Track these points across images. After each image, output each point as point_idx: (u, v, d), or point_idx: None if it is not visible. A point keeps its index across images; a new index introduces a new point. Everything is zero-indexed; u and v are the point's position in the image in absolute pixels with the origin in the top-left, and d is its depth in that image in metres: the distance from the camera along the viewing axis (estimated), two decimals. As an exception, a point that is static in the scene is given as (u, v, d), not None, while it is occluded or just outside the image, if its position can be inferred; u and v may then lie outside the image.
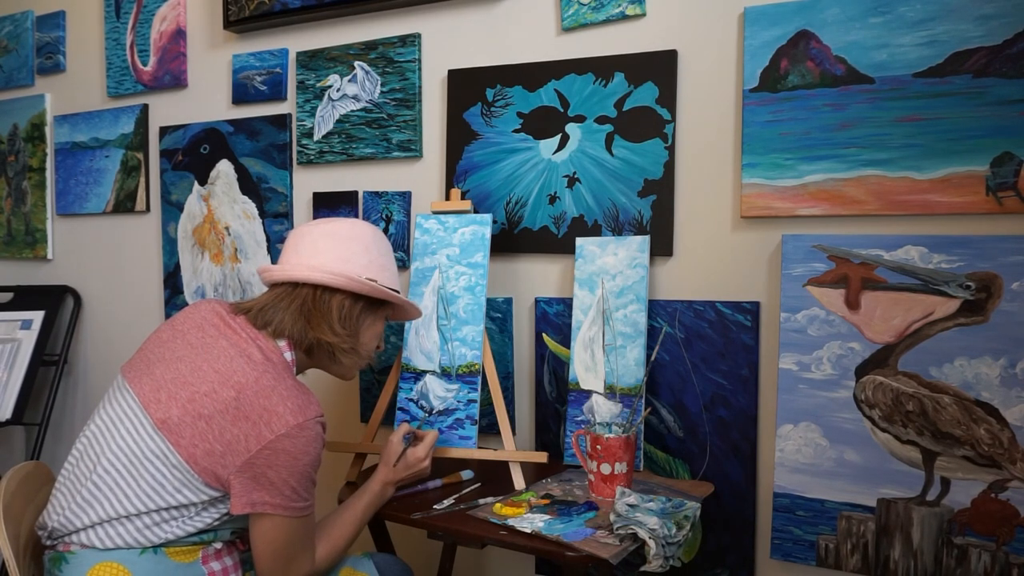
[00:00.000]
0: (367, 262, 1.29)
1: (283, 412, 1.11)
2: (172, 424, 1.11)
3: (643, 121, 1.57)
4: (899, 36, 1.35)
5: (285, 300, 1.24)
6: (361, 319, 1.29)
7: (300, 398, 1.14)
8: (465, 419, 1.52)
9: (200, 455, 1.10)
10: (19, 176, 2.52)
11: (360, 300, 1.28)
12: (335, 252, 1.28)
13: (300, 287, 1.25)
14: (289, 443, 1.11)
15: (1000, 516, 1.30)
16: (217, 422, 1.11)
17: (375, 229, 1.36)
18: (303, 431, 1.12)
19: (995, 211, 1.30)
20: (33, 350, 2.29)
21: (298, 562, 1.18)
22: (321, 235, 1.30)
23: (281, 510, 1.12)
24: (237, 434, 1.10)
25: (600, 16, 1.61)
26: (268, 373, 1.15)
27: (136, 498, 1.10)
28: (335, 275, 1.24)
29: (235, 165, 2.10)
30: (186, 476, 1.11)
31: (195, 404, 1.12)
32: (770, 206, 1.45)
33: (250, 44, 2.09)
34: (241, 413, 1.11)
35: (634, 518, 1.20)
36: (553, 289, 1.71)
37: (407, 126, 1.84)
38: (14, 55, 2.52)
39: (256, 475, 1.10)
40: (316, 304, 1.24)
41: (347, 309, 1.26)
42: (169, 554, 1.12)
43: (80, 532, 1.12)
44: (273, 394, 1.12)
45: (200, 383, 1.13)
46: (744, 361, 1.49)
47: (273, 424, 1.11)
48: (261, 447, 1.10)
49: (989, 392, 1.30)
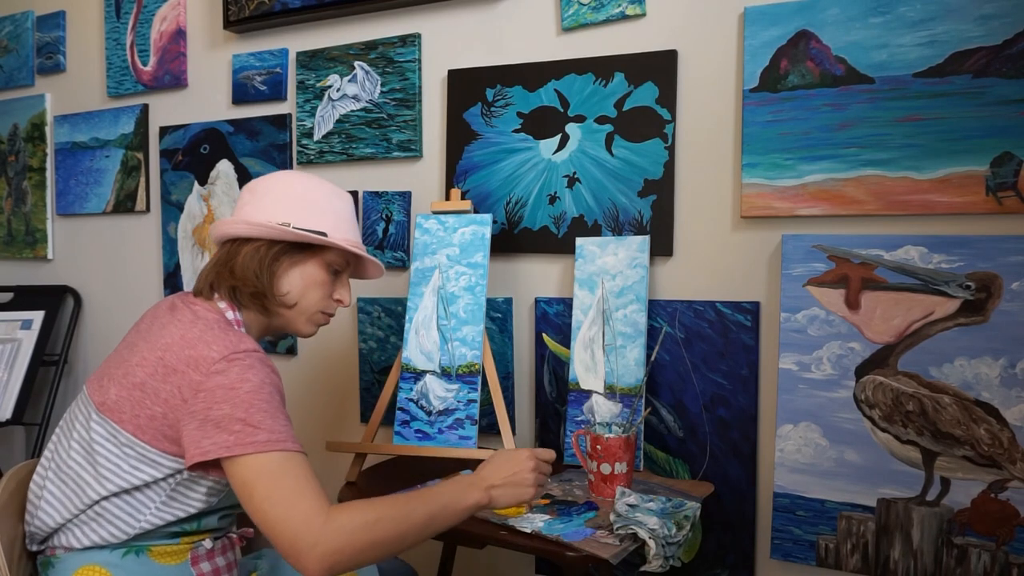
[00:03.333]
0: (285, 207, 1.25)
1: (207, 353, 1.08)
2: (111, 404, 1.10)
3: (643, 121, 1.57)
4: (899, 36, 1.35)
5: (211, 260, 1.25)
6: (277, 264, 1.24)
7: (227, 339, 1.10)
8: (465, 419, 1.52)
9: (144, 423, 1.07)
10: (19, 176, 2.52)
11: (276, 245, 1.23)
12: (254, 205, 1.26)
13: (223, 245, 1.26)
14: (221, 378, 1.06)
15: (1000, 516, 1.30)
16: (151, 386, 1.08)
17: (307, 175, 1.31)
18: (233, 363, 1.07)
19: (995, 211, 1.30)
20: (33, 350, 2.29)
21: (300, 511, 0.99)
22: (245, 191, 1.30)
23: (239, 448, 1.02)
24: (171, 390, 1.07)
25: (600, 16, 1.61)
26: (196, 326, 1.12)
27: (97, 483, 1.08)
28: (238, 223, 1.23)
29: (235, 165, 2.10)
30: (138, 451, 1.08)
31: (128, 377, 1.10)
32: (770, 206, 1.45)
33: (250, 44, 2.09)
34: (169, 368, 1.08)
35: (634, 518, 1.20)
36: (553, 289, 1.71)
37: (407, 126, 1.84)
38: (14, 55, 2.52)
39: (201, 422, 1.05)
40: (229, 255, 1.23)
41: (260, 255, 1.22)
42: (154, 555, 1.10)
43: (56, 534, 1.11)
44: (198, 343, 1.09)
45: (132, 356, 1.12)
46: (744, 361, 1.49)
47: (201, 366, 1.07)
48: (194, 392, 1.06)
49: (989, 392, 1.30)
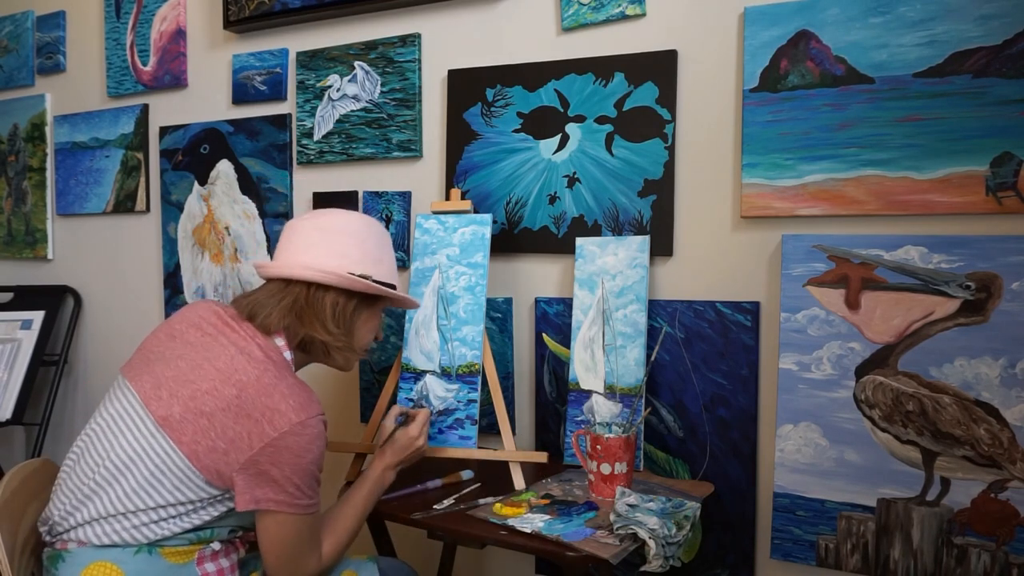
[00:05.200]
0: (360, 256, 1.27)
1: (285, 410, 1.12)
2: (174, 422, 1.11)
3: (643, 121, 1.57)
4: (899, 36, 1.35)
5: (277, 296, 1.24)
6: (355, 316, 1.28)
7: (301, 396, 1.15)
8: (465, 419, 1.52)
9: (203, 452, 1.10)
10: (19, 176, 2.52)
11: (354, 297, 1.27)
12: (328, 247, 1.26)
13: (293, 284, 1.24)
14: (292, 440, 1.11)
15: (1000, 516, 1.30)
16: (219, 419, 1.11)
17: (370, 220, 1.34)
18: (305, 428, 1.12)
19: (995, 211, 1.30)
20: (33, 350, 2.29)
21: (305, 559, 1.18)
22: (314, 229, 1.29)
23: (286, 507, 1.13)
24: (240, 431, 1.10)
25: (600, 16, 1.61)
26: (269, 371, 1.15)
27: (135, 495, 1.10)
28: (328, 273, 1.23)
29: (235, 165, 2.10)
30: (187, 474, 1.11)
31: (196, 401, 1.12)
32: (770, 206, 1.45)
33: (250, 44, 2.09)
34: (243, 411, 1.11)
35: (634, 518, 1.20)
36: (553, 289, 1.71)
37: (407, 126, 1.84)
38: (14, 55, 2.52)
39: (259, 472, 1.11)
40: (309, 302, 1.23)
41: (340, 307, 1.25)
42: (164, 554, 1.12)
43: (77, 528, 1.12)
44: (275, 392, 1.13)
45: (201, 380, 1.13)
46: (744, 361, 1.49)
47: (276, 422, 1.11)
48: (264, 445, 1.10)
49: (989, 392, 1.30)
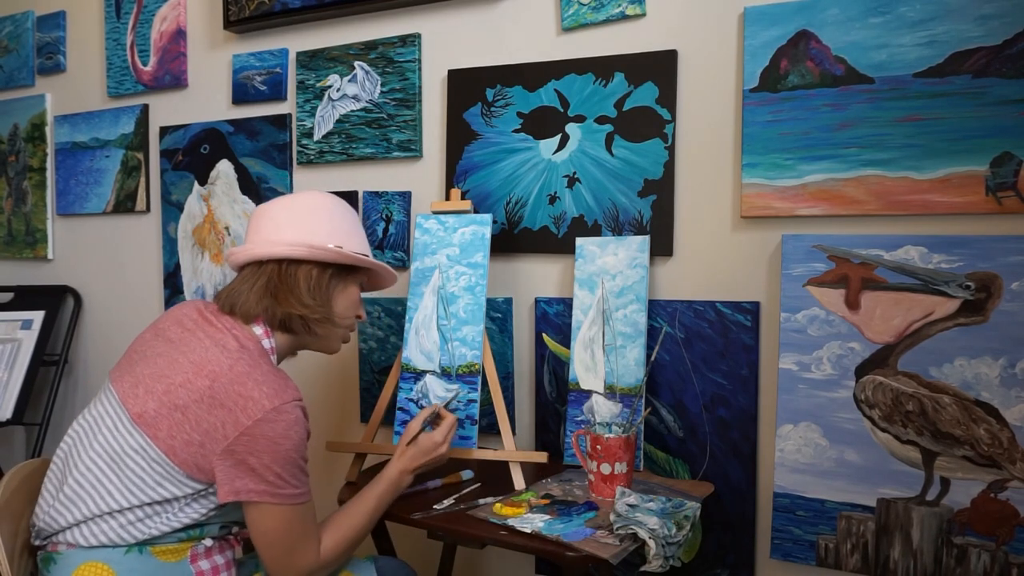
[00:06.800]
0: (331, 229, 1.27)
1: (258, 397, 1.11)
2: (149, 418, 1.11)
3: (643, 121, 1.57)
4: (899, 36, 1.35)
5: (250, 280, 1.23)
6: (331, 288, 1.27)
7: (276, 382, 1.13)
8: (465, 419, 1.52)
9: (179, 446, 1.09)
10: (19, 176, 2.52)
11: (328, 268, 1.27)
12: (296, 225, 1.26)
13: (265, 264, 1.24)
14: (267, 428, 1.10)
15: (1000, 516, 1.30)
16: (193, 412, 1.10)
17: (335, 198, 1.34)
18: (280, 415, 1.11)
19: (995, 211, 1.30)
20: (33, 350, 2.29)
21: (300, 552, 1.16)
22: (280, 209, 1.29)
23: (268, 497, 1.11)
24: (214, 422, 1.10)
25: (600, 16, 1.61)
26: (243, 360, 1.14)
27: (119, 493, 1.10)
28: (297, 246, 1.23)
29: (235, 165, 2.10)
30: (166, 469, 1.10)
31: (170, 396, 1.11)
32: (770, 206, 1.45)
33: (250, 44, 2.09)
34: (216, 401, 1.10)
35: (634, 518, 1.20)
36: (553, 289, 1.71)
37: (407, 126, 1.84)
38: (14, 55, 2.52)
39: (238, 462, 1.09)
40: (282, 279, 1.23)
41: (315, 279, 1.24)
42: (155, 553, 1.11)
43: (65, 531, 1.12)
44: (248, 380, 1.12)
45: (175, 375, 1.13)
46: (744, 361, 1.49)
47: (249, 409, 1.10)
48: (239, 433, 1.09)
49: (989, 392, 1.30)
